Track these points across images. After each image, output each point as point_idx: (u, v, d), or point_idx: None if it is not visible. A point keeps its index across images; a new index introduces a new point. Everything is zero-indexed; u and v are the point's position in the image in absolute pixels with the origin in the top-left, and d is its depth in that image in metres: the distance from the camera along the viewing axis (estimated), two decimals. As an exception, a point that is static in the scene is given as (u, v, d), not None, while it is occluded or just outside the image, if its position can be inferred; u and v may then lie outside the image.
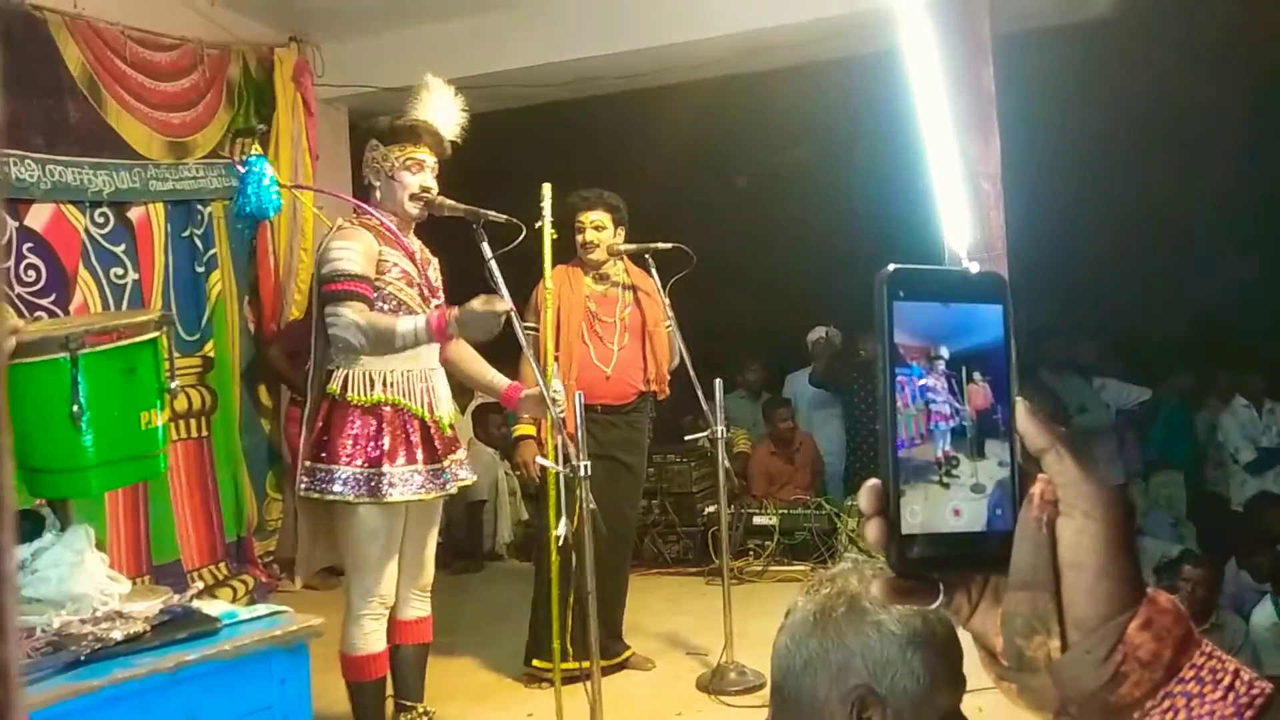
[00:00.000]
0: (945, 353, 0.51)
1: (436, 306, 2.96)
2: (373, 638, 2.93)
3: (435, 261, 3.09)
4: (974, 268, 0.53)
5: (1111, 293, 7.06)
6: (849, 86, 5.29)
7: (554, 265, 3.72)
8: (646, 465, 4.19)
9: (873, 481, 0.51)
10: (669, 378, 4.04)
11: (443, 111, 3.07)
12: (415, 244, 3.04)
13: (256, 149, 3.99)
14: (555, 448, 2.96)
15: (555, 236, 3.35)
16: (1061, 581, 0.48)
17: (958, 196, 3.69)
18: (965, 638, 0.55)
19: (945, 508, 0.50)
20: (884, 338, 0.49)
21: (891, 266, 0.50)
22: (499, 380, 3.21)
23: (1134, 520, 0.49)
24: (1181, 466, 6.20)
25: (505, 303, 2.74)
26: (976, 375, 0.51)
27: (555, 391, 3.06)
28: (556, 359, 3.59)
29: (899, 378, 0.50)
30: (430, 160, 3.00)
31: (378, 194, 3.01)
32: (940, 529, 0.50)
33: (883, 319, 0.49)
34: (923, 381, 0.50)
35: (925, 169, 3.53)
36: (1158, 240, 6.80)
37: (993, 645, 0.52)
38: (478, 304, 2.74)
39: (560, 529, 3.03)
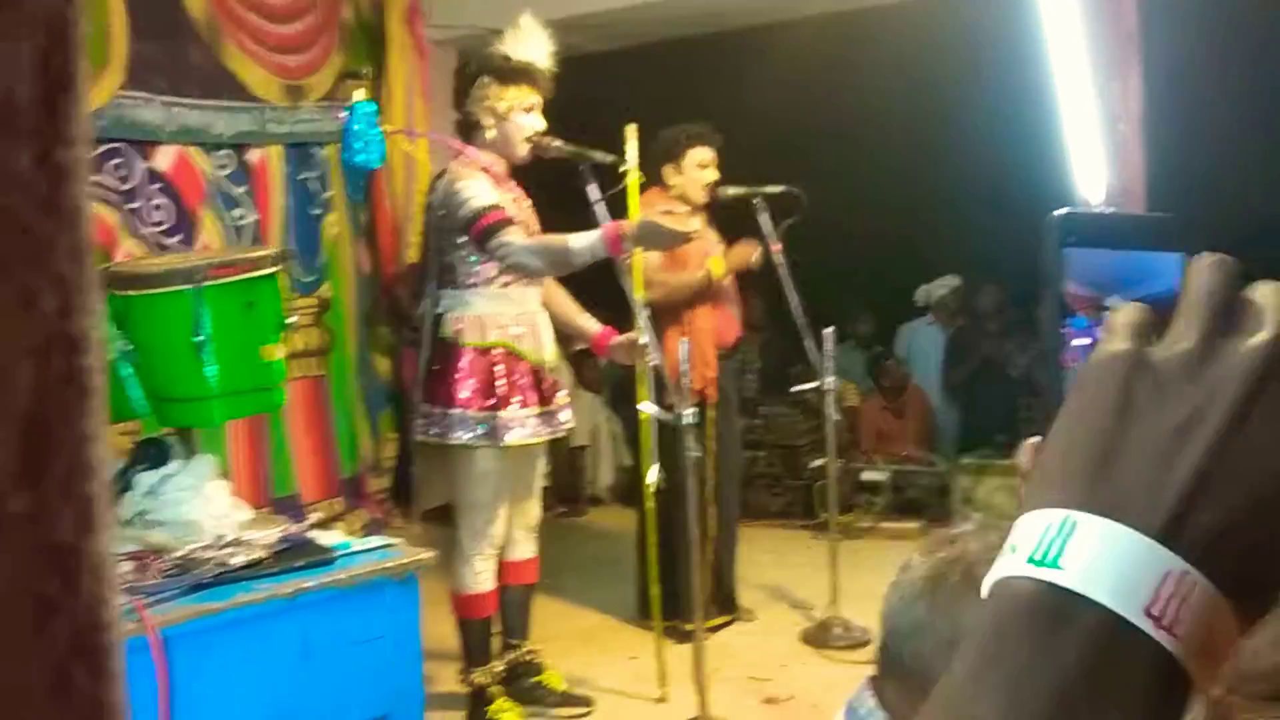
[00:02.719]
0: (1117, 303, 0.45)
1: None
2: (483, 577, 2.98)
3: (529, 202, 3.08)
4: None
5: (1262, 245, 6.60)
6: (967, 22, 5.02)
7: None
8: None
9: (1034, 439, 0.45)
10: None
11: (543, 51, 3.04)
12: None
13: (362, 94, 4.01)
14: (678, 393, 2.91)
15: (643, 180, 3.26)
16: None
17: (1092, 139, 3.47)
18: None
19: None
20: (1053, 288, 0.44)
21: (1062, 210, 0.45)
22: (591, 325, 3.18)
23: None
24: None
25: (691, 224, 2.72)
26: None
27: (647, 339, 3.01)
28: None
29: (1066, 330, 0.45)
30: (540, 102, 2.98)
31: (489, 134, 2.98)
32: None
33: (1052, 267, 0.44)
34: (1092, 335, 0.45)
35: (1052, 110, 3.33)
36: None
37: None
38: (659, 217, 2.72)
39: (652, 476, 3.02)
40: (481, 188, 2.87)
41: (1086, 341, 0.44)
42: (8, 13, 0.21)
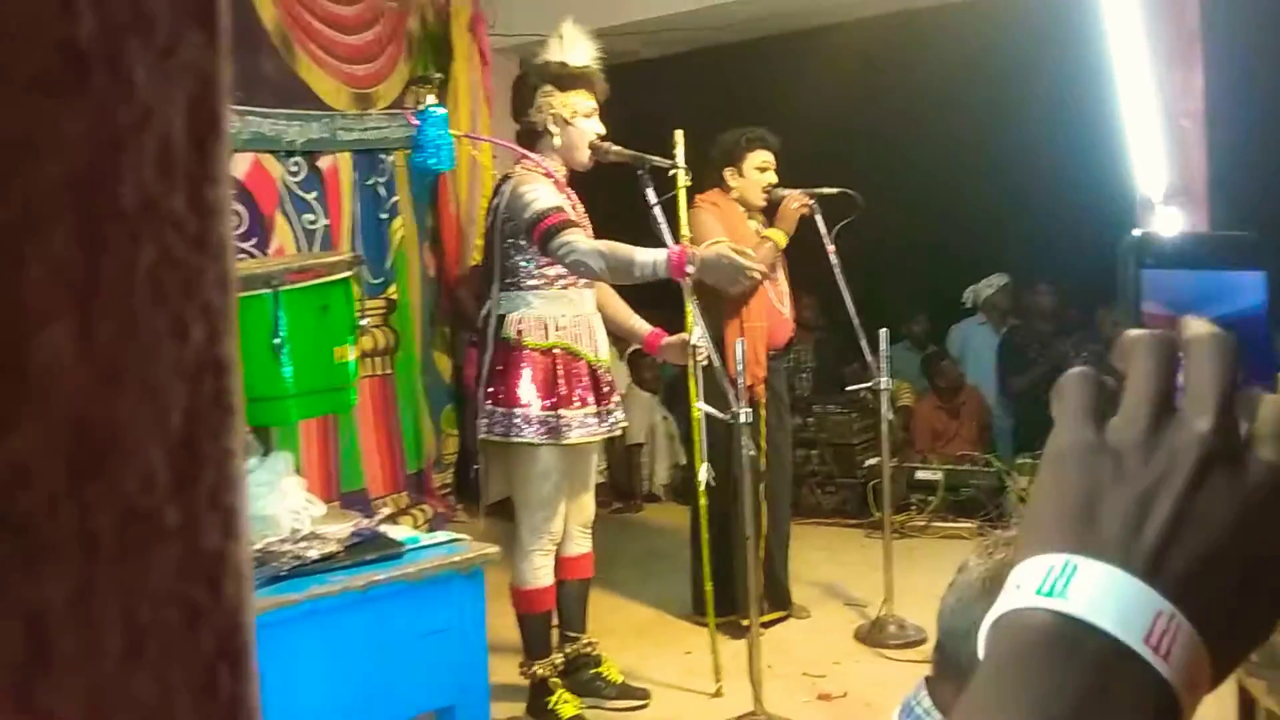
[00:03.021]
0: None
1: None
2: (542, 573, 3.06)
3: (583, 209, 3.15)
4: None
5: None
6: (1015, 22, 4.98)
7: (691, 200, 3.62)
8: None
9: None
10: None
11: (589, 56, 3.10)
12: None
13: (432, 99, 4.12)
14: (730, 394, 2.97)
15: (689, 184, 3.31)
16: None
17: (1152, 135, 3.44)
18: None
19: None
20: (1132, 310, 0.45)
21: (1138, 231, 0.46)
22: (641, 326, 3.25)
23: None
24: None
25: (759, 264, 2.77)
26: None
27: (698, 340, 3.08)
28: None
29: None
30: (597, 107, 3.06)
31: (555, 140, 3.05)
32: None
33: (1130, 289, 0.45)
34: None
35: (1111, 107, 3.30)
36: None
37: None
38: (727, 251, 2.78)
39: (702, 474, 3.09)
40: (545, 191, 2.95)
41: None
42: (165, 63, 0.22)
